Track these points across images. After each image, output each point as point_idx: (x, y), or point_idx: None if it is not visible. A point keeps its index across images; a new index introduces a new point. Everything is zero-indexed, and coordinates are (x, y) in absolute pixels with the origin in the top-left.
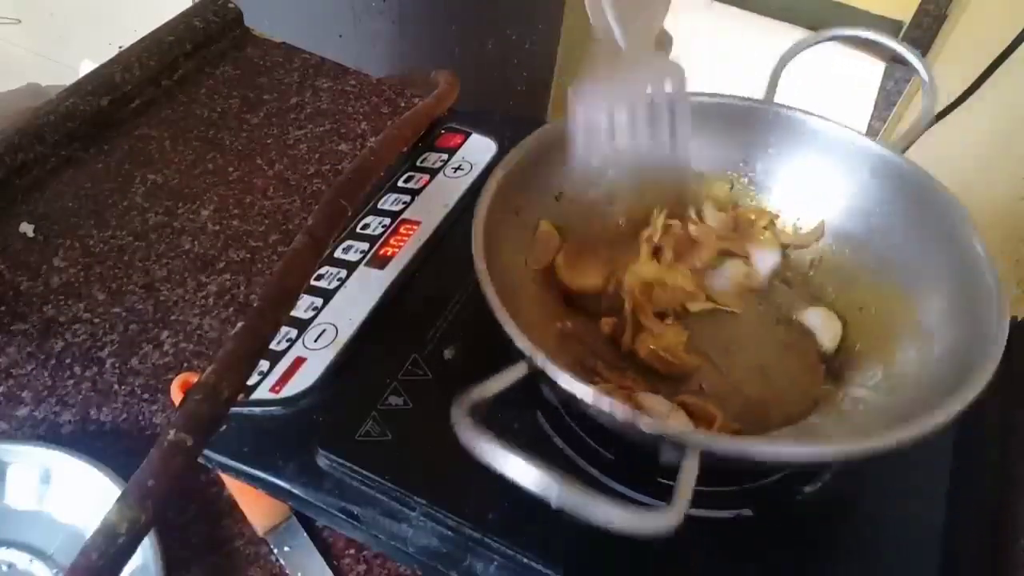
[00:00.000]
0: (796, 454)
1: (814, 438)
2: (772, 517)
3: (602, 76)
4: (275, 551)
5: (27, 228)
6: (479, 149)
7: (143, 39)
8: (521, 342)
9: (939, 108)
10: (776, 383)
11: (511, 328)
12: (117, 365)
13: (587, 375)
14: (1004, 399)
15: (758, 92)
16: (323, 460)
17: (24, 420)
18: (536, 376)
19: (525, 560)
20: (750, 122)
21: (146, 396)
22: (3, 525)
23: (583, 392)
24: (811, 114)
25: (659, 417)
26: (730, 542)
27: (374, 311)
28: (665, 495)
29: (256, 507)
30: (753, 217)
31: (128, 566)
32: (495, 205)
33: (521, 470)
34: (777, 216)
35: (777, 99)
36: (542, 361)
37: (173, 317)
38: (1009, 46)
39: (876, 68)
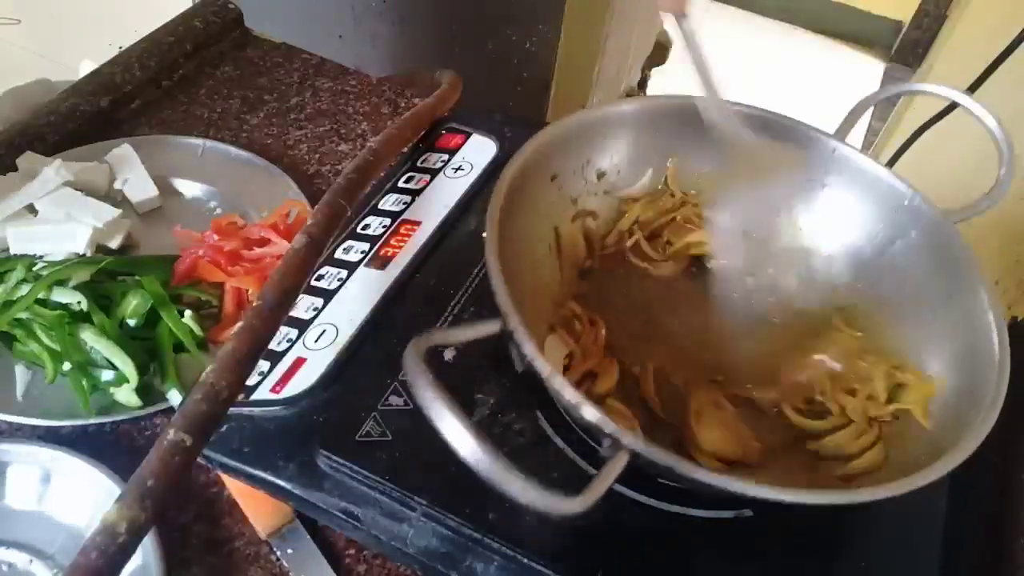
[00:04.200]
0: (729, 486)
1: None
2: (772, 517)
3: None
4: (278, 553)
5: None
6: (480, 149)
7: (143, 39)
8: (502, 297)
9: (939, 108)
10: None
11: (497, 279)
12: None
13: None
14: (1005, 400)
15: (757, 92)
16: (323, 460)
17: None
18: (506, 337)
19: (525, 560)
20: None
21: None
22: (3, 525)
23: (542, 367)
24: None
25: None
26: (730, 542)
27: (374, 311)
28: (665, 496)
29: (259, 509)
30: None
31: (128, 566)
32: (529, 164)
33: (456, 434)
34: None
35: (777, 99)
36: (515, 324)
37: None
38: (1009, 46)
39: (876, 68)
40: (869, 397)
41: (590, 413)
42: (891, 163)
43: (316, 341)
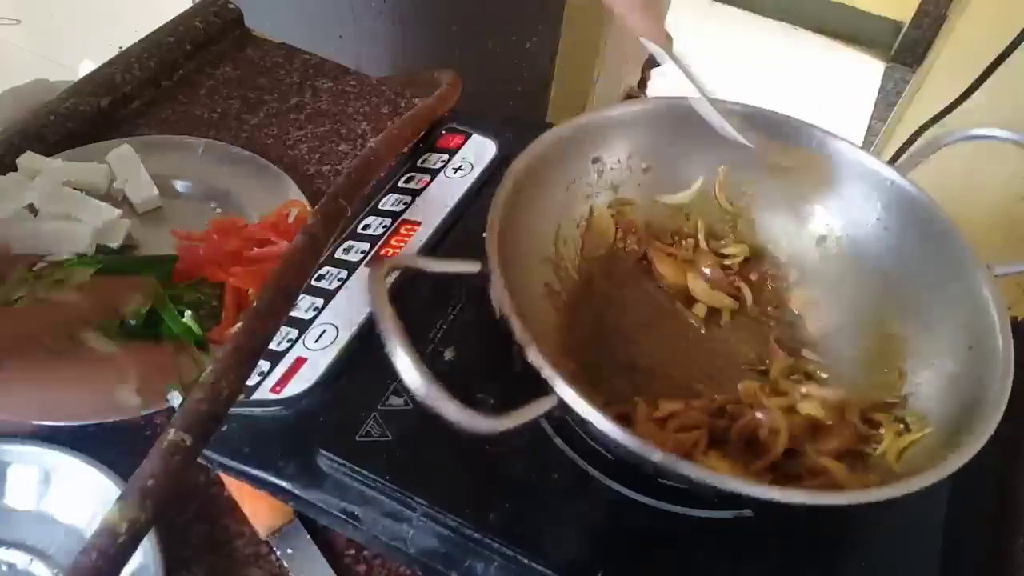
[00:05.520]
0: (649, 456)
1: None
2: (772, 517)
3: None
4: (277, 553)
5: None
6: (480, 150)
7: (143, 39)
8: (491, 239)
9: (939, 108)
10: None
11: (492, 229)
12: None
13: None
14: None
15: (757, 92)
16: (324, 460)
17: None
18: (484, 278)
19: (525, 560)
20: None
21: None
22: (3, 525)
23: (505, 305)
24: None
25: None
26: (730, 542)
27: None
28: (665, 496)
29: (259, 509)
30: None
31: (128, 566)
32: (570, 138)
33: (401, 359)
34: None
35: (777, 99)
36: (494, 264)
37: None
38: (1009, 46)
39: (876, 68)
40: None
41: (532, 355)
42: (891, 163)
43: (316, 341)
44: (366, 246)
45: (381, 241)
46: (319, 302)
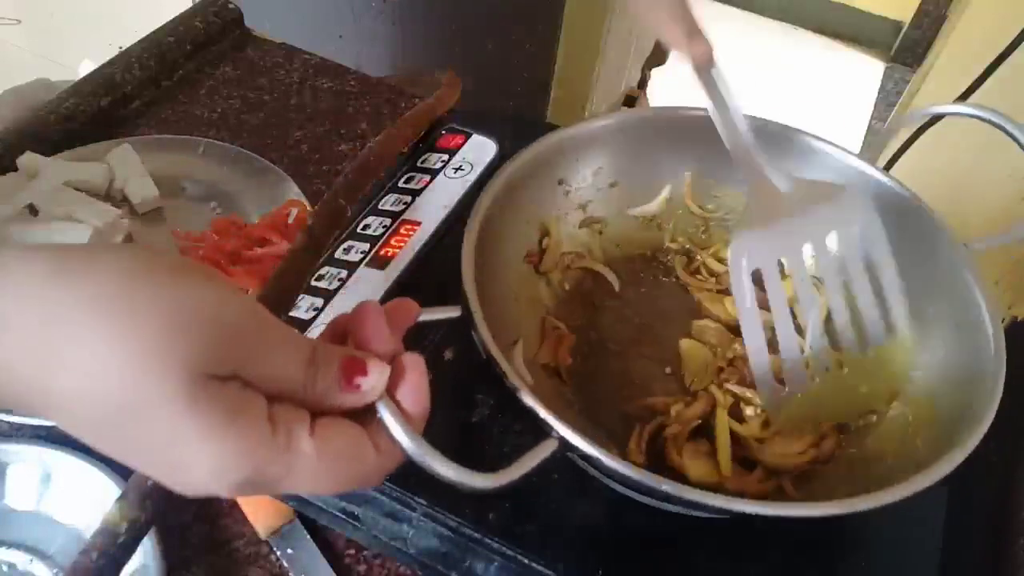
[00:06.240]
0: (659, 486)
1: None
2: (772, 517)
3: (762, 221)
4: (278, 553)
5: None
6: (480, 150)
7: (143, 39)
8: (467, 280)
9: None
10: None
11: (468, 262)
12: None
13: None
14: (1004, 399)
15: (757, 92)
16: None
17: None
18: (467, 319)
19: (525, 560)
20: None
21: None
22: (3, 525)
23: (490, 348)
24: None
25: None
26: (730, 542)
27: None
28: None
29: (259, 509)
30: None
31: (128, 566)
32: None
33: (386, 416)
34: None
35: (777, 99)
36: (475, 307)
37: None
38: (1009, 46)
39: (876, 68)
40: None
41: (527, 399)
42: (890, 163)
43: None
44: (366, 246)
45: (381, 241)
46: (319, 302)
